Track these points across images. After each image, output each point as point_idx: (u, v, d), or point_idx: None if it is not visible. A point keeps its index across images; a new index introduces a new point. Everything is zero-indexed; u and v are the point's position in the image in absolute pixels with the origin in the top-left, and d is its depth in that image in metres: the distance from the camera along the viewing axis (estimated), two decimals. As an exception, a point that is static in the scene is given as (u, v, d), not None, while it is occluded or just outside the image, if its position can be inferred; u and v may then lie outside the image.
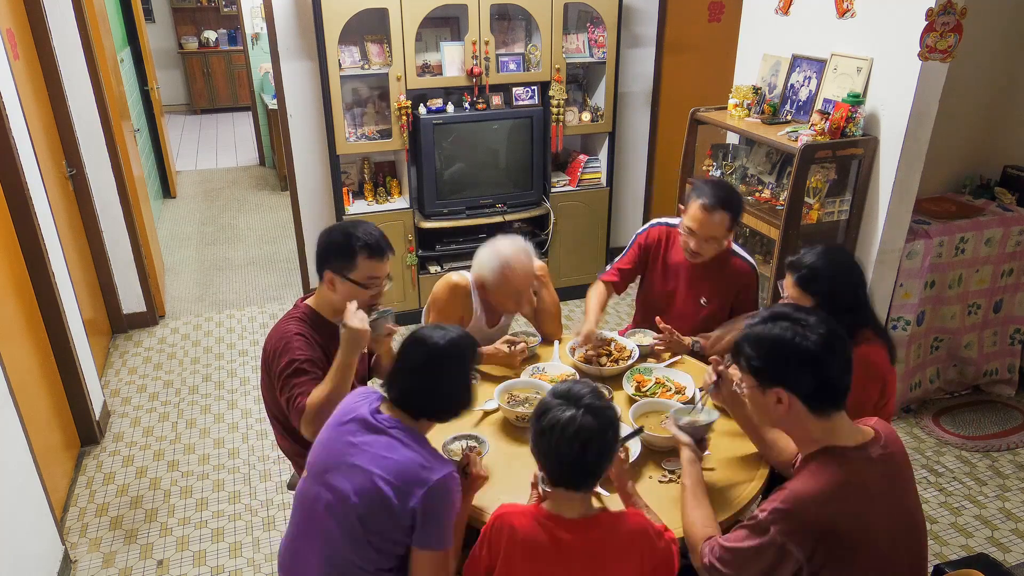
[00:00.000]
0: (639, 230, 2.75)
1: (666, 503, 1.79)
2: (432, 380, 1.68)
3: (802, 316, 1.53)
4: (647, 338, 2.52)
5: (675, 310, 2.63)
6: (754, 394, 1.58)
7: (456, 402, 1.73)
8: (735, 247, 2.58)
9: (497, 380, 2.29)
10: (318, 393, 1.93)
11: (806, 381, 1.50)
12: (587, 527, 1.51)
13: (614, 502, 1.80)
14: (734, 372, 1.70)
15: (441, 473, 1.60)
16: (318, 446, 1.74)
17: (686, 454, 1.80)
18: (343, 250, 2.02)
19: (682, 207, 2.51)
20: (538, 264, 2.52)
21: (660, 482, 1.90)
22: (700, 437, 1.85)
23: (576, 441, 1.45)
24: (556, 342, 2.53)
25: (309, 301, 2.15)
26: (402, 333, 4.06)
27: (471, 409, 1.78)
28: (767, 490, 2.07)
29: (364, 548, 1.63)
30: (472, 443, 2.00)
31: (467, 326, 2.50)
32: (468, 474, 1.77)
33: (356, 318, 1.92)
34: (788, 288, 2.05)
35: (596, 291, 2.65)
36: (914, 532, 1.60)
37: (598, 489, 1.75)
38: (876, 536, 1.50)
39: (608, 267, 2.73)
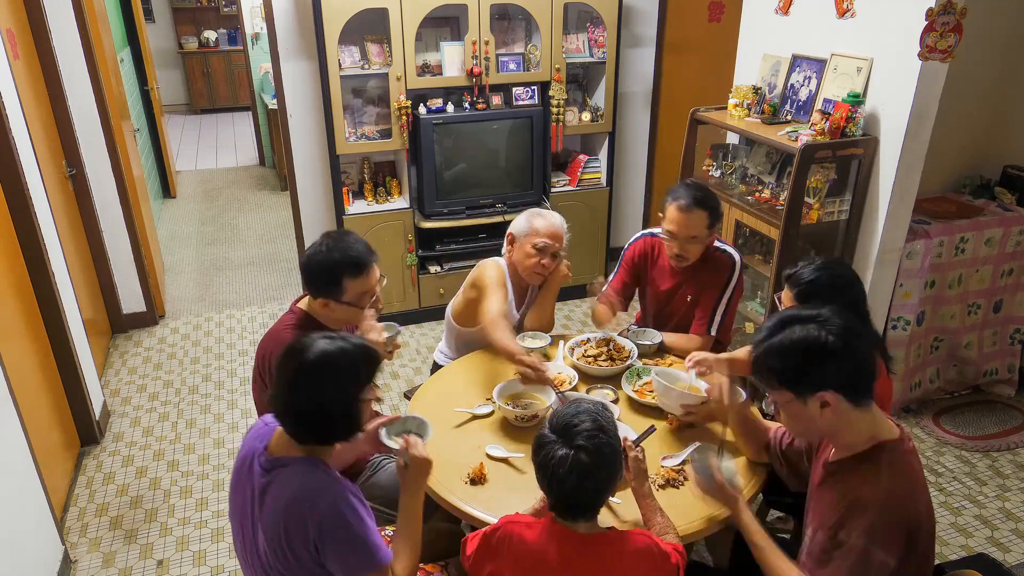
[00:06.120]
0: (625, 245, 2.74)
1: (666, 508, 1.75)
2: (302, 397, 1.50)
3: (813, 313, 1.49)
4: (656, 337, 2.55)
5: (671, 309, 2.66)
6: (794, 407, 1.49)
7: (332, 425, 1.54)
8: (718, 242, 2.56)
9: (492, 382, 2.25)
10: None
11: (845, 374, 1.45)
12: (595, 543, 1.49)
13: (624, 506, 1.80)
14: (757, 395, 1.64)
15: (324, 501, 1.49)
16: (231, 491, 1.67)
17: (732, 506, 1.70)
18: (329, 278, 1.97)
19: (661, 215, 2.50)
20: (565, 262, 2.57)
21: (661, 487, 1.87)
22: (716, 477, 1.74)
23: (570, 479, 1.43)
24: (561, 343, 2.52)
25: (302, 304, 2.08)
26: (406, 342, 4.08)
27: (357, 434, 1.59)
28: (766, 491, 2.08)
29: None
30: (409, 430, 1.82)
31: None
32: (407, 464, 1.66)
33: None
34: (787, 302, 2.03)
35: (598, 309, 2.57)
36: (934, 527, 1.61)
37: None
38: (928, 530, 1.50)
39: (604, 288, 2.66)
